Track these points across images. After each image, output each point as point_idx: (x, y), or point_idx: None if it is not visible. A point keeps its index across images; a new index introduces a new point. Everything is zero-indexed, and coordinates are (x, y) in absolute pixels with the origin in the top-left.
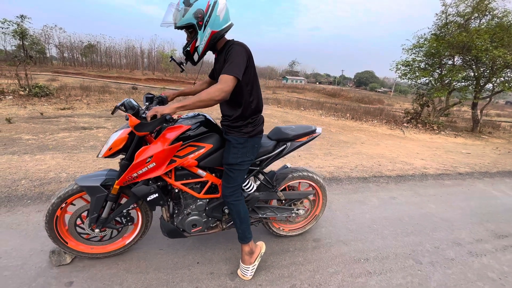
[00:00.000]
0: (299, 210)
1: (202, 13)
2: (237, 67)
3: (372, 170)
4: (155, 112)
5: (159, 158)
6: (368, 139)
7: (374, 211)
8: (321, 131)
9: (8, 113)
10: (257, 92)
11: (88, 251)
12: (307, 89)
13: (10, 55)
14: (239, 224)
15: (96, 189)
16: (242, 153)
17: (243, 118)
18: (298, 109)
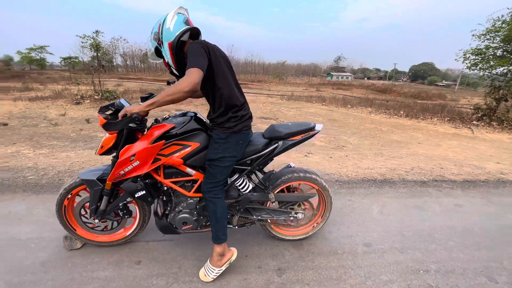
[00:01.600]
0: (298, 214)
1: (157, 34)
2: (197, 60)
3: (432, 174)
4: (125, 111)
5: (141, 156)
6: (426, 139)
7: (435, 218)
8: (321, 128)
9: (87, 114)
10: (229, 85)
11: (94, 239)
12: (354, 86)
13: (87, 65)
14: (214, 222)
15: (93, 183)
16: (223, 148)
17: (222, 114)
18: (344, 107)
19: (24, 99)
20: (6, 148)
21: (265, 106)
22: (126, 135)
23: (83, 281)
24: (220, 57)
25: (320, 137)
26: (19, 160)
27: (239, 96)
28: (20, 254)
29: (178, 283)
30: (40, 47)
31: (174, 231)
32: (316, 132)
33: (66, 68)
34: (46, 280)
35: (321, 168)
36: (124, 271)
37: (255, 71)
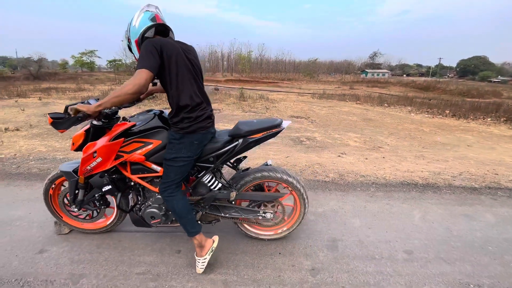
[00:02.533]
0: (266, 213)
1: (126, 33)
2: (145, 60)
3: (484, 180)
4: (74, 110)
5: (103, 152)
6: (477, 141)
7: (488, 229)
8: (286, 125)
9: (129, 112)
10: (182, 84)
11: (78, 226)
12: (392, 83)
13: (129, 67)
14: (178, 219)
15: (70, 175)
16: (176, 149)
17: (175, 114)
18: (380, 106)
19: (78, 99)
20: (65, 141)
21: (296, 105)
22: (92, 133)
23: (131, 263)
24: (177, 56)
25: (354, 137)
26: (76, 153)
27: (194, 96)
28: (80, 236)
29: (214, 273)
30: (90, 52)
31: (145, 225)
32: (280, 129)
33: (111, 70)
34: (102, 260)
35: (356, 170)
36: (166, 258)
37: (286, 69)
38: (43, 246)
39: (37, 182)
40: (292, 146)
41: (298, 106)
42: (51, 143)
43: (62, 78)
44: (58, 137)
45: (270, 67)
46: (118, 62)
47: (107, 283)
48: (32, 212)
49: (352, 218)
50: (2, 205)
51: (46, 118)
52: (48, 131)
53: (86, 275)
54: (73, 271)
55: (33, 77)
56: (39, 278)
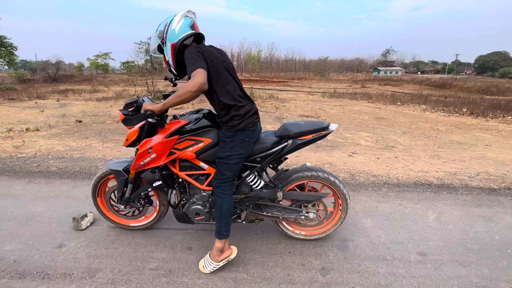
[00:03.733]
0: (309, 213)
1: (162, 33)
2: (196, 63)
3: (504, 181)
4: (144, 109)
5: (158, 149)
6: (496, 140)
7: (508, 232)
8: (335, 128)
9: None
10: (223, 83)
11: (120, 222)
12: (405, 81)
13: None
14: (218, 217)
15: (119, 173)
16: (229, 147)
17: (225, 113)
18: (393, 104)
19: (93, 100)
20: (81, 141)
21: (306, 104)
22: (146, 130)
23: (144, 259)
24: (217, 59)
25: (365, 136)
26: (91, 152)
27: (238, 95)
28: (96, 232)
29: (224, 271)
30: (104, 54)
31: (188, 221)
32: (328, 132)
33: (125, 71)
34: (116, 255)
35: (367, 170)
36: (178, 255)
37: (296, 68)
38: (62, 241)
39: (56, 180)
40: None
41: (308, 105)
42: (69, 142)
43: (78, 80)
44: (75, 137)
45: (280, 66)
46: (131, 63)
47: (122, 277)
48: (51, 209)
49: (363, 218)
50: (24, 201)
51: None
52: (66, 131)
53: (102, 270)
54: (90, 265)
55: (51, 79)
56: (58, 271)
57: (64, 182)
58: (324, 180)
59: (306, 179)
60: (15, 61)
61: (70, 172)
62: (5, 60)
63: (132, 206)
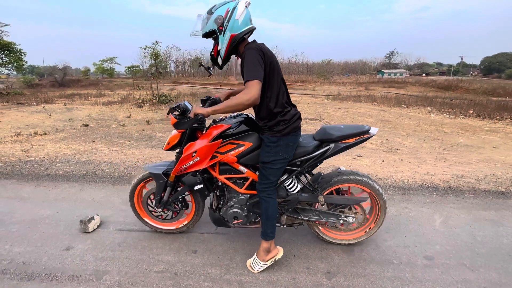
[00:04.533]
0: (348, 218)
1: (222, 19)
2: (254, 71)
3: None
4: (194, 113)
5: (202, 153)
6: (504, 142)
7: None
8: (376, 131)
9: (147, 116)
10: (277, 88)
11: (156, 224)
12: (410, 83)
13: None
14: (264, 220)
15: (159, 176)
16: (274, 152)
17: (271, 119)
18: (398, 107)
19: (99, 104)
20: (88, 145)
21: (309, 107)
22: (189, 134)
23: (150, 262)
24: (275, 66)
25: (370, 139)
26: (98, 155)
27: (287, 99)
28: (102, 235)
29: (230, 274)
30: (110, 59)
31: (225, 224)
32: (370, 135)
33: (130, 75)
34: (123, 258)
35: (372, 172)
36: (183, 258)
37: (299, 71)
38: (69, 243)
39: (64, 183)
40: None
41: (312, 108)
42: (75, 146)
43: (85, 85)
44: (82, 141)
45: (283, 69)
46: (135, 68)
47: (128, 279)
48: (59, 211)
49: None
50: (33, 204)
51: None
52: (73, 135)
53: (109, 272)
54: (97, 267)
55: (58, 84)
56: (66, 273)
57: (71, 185)
58: (363, 184)
59: (346, 183)
60: (23, 67)
61: (77, 175)
62: (14, 66)
63: (168, 209)
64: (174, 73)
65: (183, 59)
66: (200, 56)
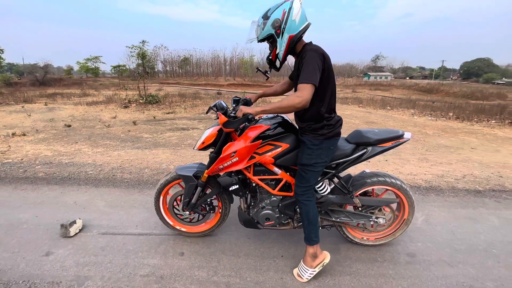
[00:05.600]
0: (379, 219)
1: (279, 22)
2: (312, 74)
3: (488, 183)
4: (241, 112)
5: (241, 153)
6: (481, 143)
7: (492, 232)
8: (410, 136)
9: (134, 117)
10: (330, 93)
11: (181, 227)
12: (394, 86)
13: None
14: (306, 224)
15: (189, 178)
16: (316, 154)
17: (316, 121)
18: (383, 109)
19: (83, 104)
20: (70, 146)
21: None
22: (225, 134)
23: (135, 266)
24: (331, 68)
25: None
26: (81, 157)
27: (335, 105)
28: (85, 239)
29: (217, 276)
30: (94, 57)
31: (255, 226)
32: (405, 140)
33: (116, 75)
34: (106, 262)
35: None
36: (169, 261)
37: (288, 73)
38: (49, 249)
39: (43, 186)
40: None
41: None
42: (57, 147)
43: (67, 84)
44: (64, 142)
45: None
46: (122, 67)
47: (112, 285)
48: (38, 215)
49: None
50: (10, 208)
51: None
52: (54, 136)
53: (91, 277)
54: (78, 273)
55: (39, 83)
56: (46, 280)
57: (51, 188)
58: (393, 185)
59: (380, 184)
60: (1, 64)
61: (58, 178)
62: None
63: (196, 212)
64: (162, 73)
65: (171, 59)
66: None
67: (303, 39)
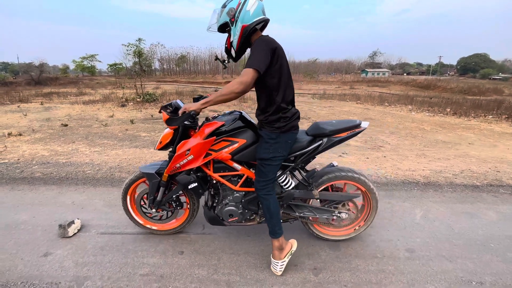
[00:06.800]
0: (341, 214)
1: (233, 11)
2: (256, 60)
3: (486, 178)
4: (184, 109)
5: (195, 151)
6: (478, 139)
7: (490, 227)
8: (367, 125)
9: (131, 115)
10: (284, 86)
11: (151, 226)
12: (392, 82)
13: (129, 71)
14: (268, 218)
15: (152, 176)
16: (274, 148)
17: (273, 113)
18: (381, 105)
19: (79, 103)
20: (67, 145)
21: (296, 106)
22: (181, 132)
23: (135, 265)
24: (284, 59)
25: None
26: (78, 157)
27: (292, 98)
28: (83, 239)
29: (217, 274)
30: (90, 56)
31: (220, 223)
32: (362, 129)
33: (112, 74)
34: (106, 262)
35: None
36: (169, 259)
37: None
38: (47, 249)
39: (41, 186)
40: None
41: (298, 106)
42: (54, 147)
43: (63, 83)
44: (60, 142)
45: None
46: (118, 66)
47: (112, 284)
48: (36, 216)
49: None
50: (7, 209)
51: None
52: (51, 136)
53: (90, 277)
54: (77, 273)
55: (34, 82)
56: (44, 281)
57: (49, 188)
58: (359, 181)
59: (342, 179)
60: None
61: (56, 177)
62: None
63: (163, 210)
64: (159, 71)
65: (168, 57)
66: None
67: (260, 32)
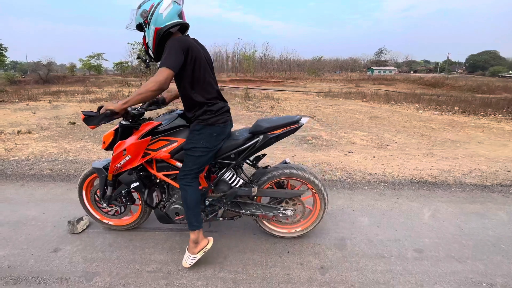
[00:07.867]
0: (287, 211)
1: (146, 13)
2: (170, 59)
3: (496, 177)
4: (104, 109)
5: (131, 151)
6: (488, 137)
7: (501, 228)
8: (306, 121)
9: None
10: (202, 83)
11: (106, 221)
12: (398, 80)
13: (135, 69)
14: (186, 209)
15: (100, 171)
16: (195, 139)
17: (199, 108)
18: (387, 103)
19: (86, 101)
20: (75, 143)
21: (301, 104)
22: (121, 132)
23: (142, 261)
24: (200, 58)
25: (361, 135)
26: (86, 154)
27: (215, 94)
28: (92, 235)
29: (223, 272)
30: (97, 54)
31: (170, 221)
32: (299, 125)
33: (118, 72)
34: (114, 258)
35: (363, 168)
36: (176, 257)
37: (290, 68)
38: (57, 245)
39: (50, 183)
40: (298, 145)
41: (304, 105)
42: (62, 145)
43: (71, 81)
44: (69, 139)
45: (275, 66)
46: (124, 64)
47: (120, 280)
48: (46, 212)
49: (361, 217)
50: (18, 205)
51: (79, 115)
52: (59, 134)
53: (99, 273)
54: (86, 269)
55: (42, 81)
56: (55, 276)
57: (58, 185)
58: (302, 178)
59: (284, 176)
60: (5, 63)
61: (64, 175)
62: None
63: (115, 205)
64: None
65: None
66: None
67: (177, 34)
